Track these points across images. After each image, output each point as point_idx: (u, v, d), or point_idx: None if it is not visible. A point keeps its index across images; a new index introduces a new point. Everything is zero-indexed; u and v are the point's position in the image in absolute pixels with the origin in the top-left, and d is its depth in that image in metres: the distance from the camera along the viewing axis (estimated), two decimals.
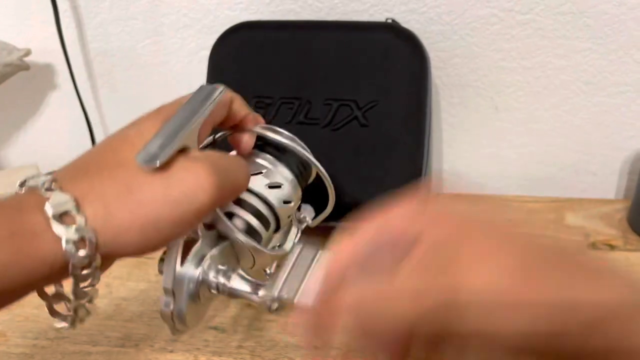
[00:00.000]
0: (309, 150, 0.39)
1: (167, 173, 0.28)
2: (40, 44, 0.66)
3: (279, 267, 0.40)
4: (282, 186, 0.38)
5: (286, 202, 0.39)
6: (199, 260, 0.33)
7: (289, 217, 0.40)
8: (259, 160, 0.39)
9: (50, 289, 0.29)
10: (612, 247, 0.53)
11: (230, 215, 0.37)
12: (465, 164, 0.66)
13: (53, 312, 0.30)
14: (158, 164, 0.27)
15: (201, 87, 0.33)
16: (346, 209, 0.54)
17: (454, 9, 0.57)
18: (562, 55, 0.57)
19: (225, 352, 0.44)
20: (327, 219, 0.54)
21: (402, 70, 0.54)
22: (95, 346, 0.46)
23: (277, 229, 0.39)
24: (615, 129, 0.60)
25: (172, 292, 0.32)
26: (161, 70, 0.66)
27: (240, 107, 0.36)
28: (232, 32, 0.58)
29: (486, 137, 0.63)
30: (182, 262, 0.32)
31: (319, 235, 0.56)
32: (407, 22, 0.58)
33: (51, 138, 0.73)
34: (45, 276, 0.26)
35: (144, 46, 0.65)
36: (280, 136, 0.37)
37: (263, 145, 0.39)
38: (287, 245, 0.41)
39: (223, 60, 0.58)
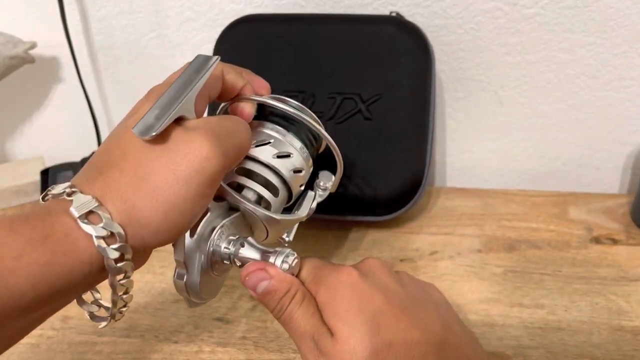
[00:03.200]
0: (317, 120, 0.38)
1: (169, 149, 0.28)
2: (45, 36, 0.66)
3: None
4: (291, 155, 0.37)
5: (297, 171, 0.38)
6: (210, 232, 0.33)
7: (300, 185, 0.39)
8: (267, 131, 0.38)
9: (88, 297, 0.31)
10: (614, 242, 0.53)
11: (240, 188, 0.36)
12: (468, 157, 0.66)
13: (93, 317, 0.31)
14: (154, 133, 0.28)
15: (196, 57, 0.33)
16: (350, 202, 0.54)
17: (459, 3, 0.57)
18: (566, 49, 0.57)
19: (230, 343, 0.45)
20: (332, 213, 0.54)
21: (406, 63, 0.54)
22: (100, 336, 0.46)
23: (290, 198, 0.39)
24: (619, 123, 0.60)
25: (184, 264, 0.32)
26: (165, 63, 0.66)
27: (235, 79, 0.35)
28: (237, 25, 0.58)
29: (490, 131, 0.63)
30: (193, 234, 0.32)
31: (324, 228, 0.56)
32: (412, 15, 0.58)
33: (56, 130, 0.74)
34: (86, 274, 0.26)
35: (148, 39, 0.65)
36: (287, 105, 0.36)
37: (270, 115, 0.38)
38: (302, 211, 0.40)
39: (227, 53, 0.57)
